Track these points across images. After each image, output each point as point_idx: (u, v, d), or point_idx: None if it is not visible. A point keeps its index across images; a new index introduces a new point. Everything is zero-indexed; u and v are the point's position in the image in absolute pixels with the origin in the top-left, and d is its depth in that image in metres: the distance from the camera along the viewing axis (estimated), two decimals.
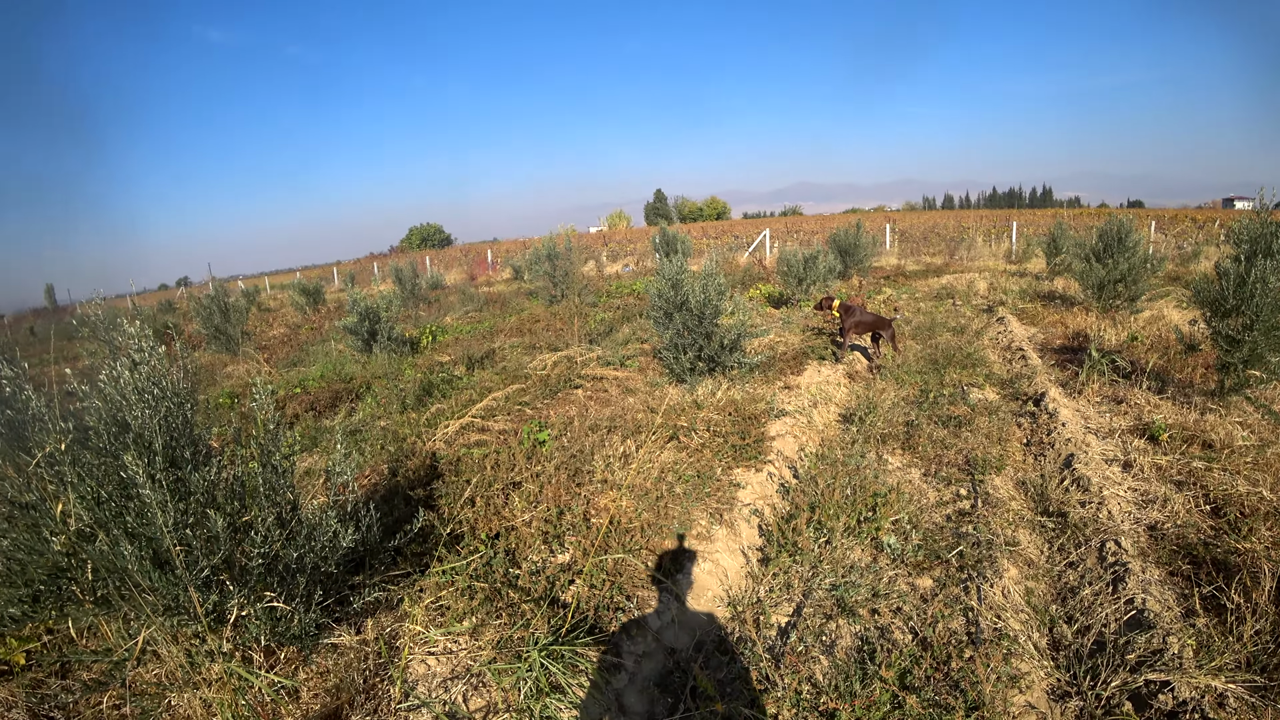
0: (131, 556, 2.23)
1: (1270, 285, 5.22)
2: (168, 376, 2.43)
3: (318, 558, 2.56)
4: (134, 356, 2.36)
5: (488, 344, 9.64)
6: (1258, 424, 5.29)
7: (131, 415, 2.32)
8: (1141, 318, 9.52)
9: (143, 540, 2.30)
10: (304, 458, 5.40)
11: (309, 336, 13.68)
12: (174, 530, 2.25)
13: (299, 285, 19.59)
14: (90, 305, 2.56)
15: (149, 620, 2.43)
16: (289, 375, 8.93)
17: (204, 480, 2.40)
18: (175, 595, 2.34)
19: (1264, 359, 5.38)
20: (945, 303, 12.37)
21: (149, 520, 2.27)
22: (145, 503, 2.24)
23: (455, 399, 6.12)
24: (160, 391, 2.37)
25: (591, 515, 3.58)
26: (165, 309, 21.66)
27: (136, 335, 2.37)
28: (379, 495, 4.08)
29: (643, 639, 2.87)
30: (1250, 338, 5.40)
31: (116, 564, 2.27)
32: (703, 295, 6.18)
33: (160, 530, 2.24)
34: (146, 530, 2.29)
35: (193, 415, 2.52)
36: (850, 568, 3.54)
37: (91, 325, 2.36)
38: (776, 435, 5.19)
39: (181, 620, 2.44)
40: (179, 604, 2.37)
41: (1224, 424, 5.25)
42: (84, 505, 2.28)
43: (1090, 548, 3.86)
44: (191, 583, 2.32)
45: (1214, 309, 5.71)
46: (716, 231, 44.16)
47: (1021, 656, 3.05)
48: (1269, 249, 5.28)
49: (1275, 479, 4.29)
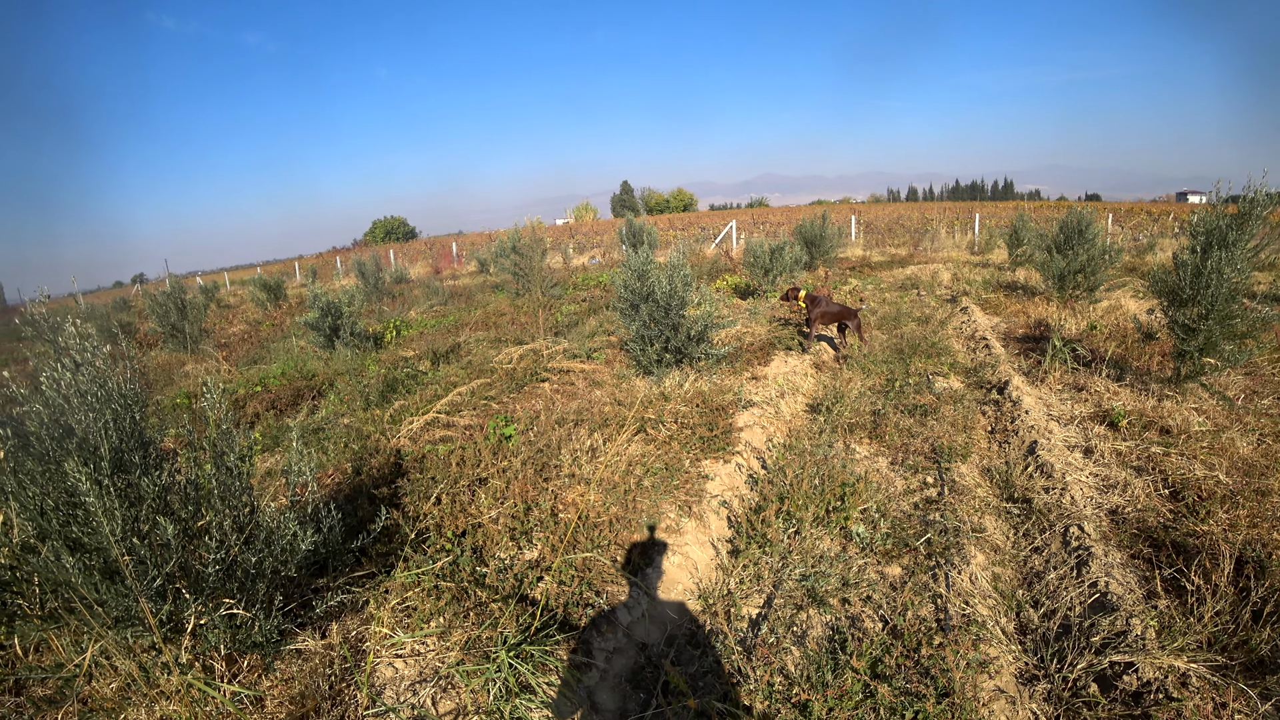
0: (74, 568, 2.12)
1: (1225, 276, 5.36)
2: (113, 378, 2.33)
3: (277, 562, 2.48)
4: (75, 358, 2.25)
5: (453, 338, 9.52)
6: (1213, 410, 5.43)
7: (75, 419, 2.21)
8: (1100, 307, 9.72)
9: (89, 551, 2.20)
10: (265, 458, 5.27)
11: (270, 333, 13.38)
12: (122, 539, 2.15)
13: (259, 281, 19.13)
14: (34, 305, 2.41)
15: (97, 634, 2.33)
16: (249, 373, 8.71)
17: (154, 485, 2.30)
18: (126, 606, 2.24)
19: (1218, 347, 5.52)
20: (910, 293, 12.52)
21: (95, 529, 2.17)
22: (90, 511, 2.14)
23: (420, 394, 6.01)
24: (105, 394, 2.27)
25: (559, 510, 3.53)
26: (120, 307, 21.00)
27: (78, 335, 2.26)
28: (343, 495, 3.99)
29: (613, 635, 2.83)
30: (1206, 326, 5.54)
31: (59, 576, 2.16)
32: (669, 286, 6.15)
33: (107, 539, 2.14)
34: (93, 540, 2.19)
35: (142, 418, 2.41)
36: (820, 557, 3.54)
37: (35, 325, 2.22)
38: (744, 426, 5.19)
39: (135, 631, 2.35)
40: (130, 615, 2.28)
41: (1180, 410, 5.38)
42: (26, 516, 2.17)
43: (1054, 533, 3.92)
44: (143, 593, 2.22)
45: (1171, 299, 5.84)
46: (683, 223, 44.22)
47: (990, 642, 3.08)
48: (1224, 240, 5.41)
49: (1230, 463, 4.40)
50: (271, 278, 19.75)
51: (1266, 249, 5.53)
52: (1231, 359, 5.48)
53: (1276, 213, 5.55)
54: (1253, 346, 5.46)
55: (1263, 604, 3.00)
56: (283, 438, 5.60)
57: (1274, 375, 6.20)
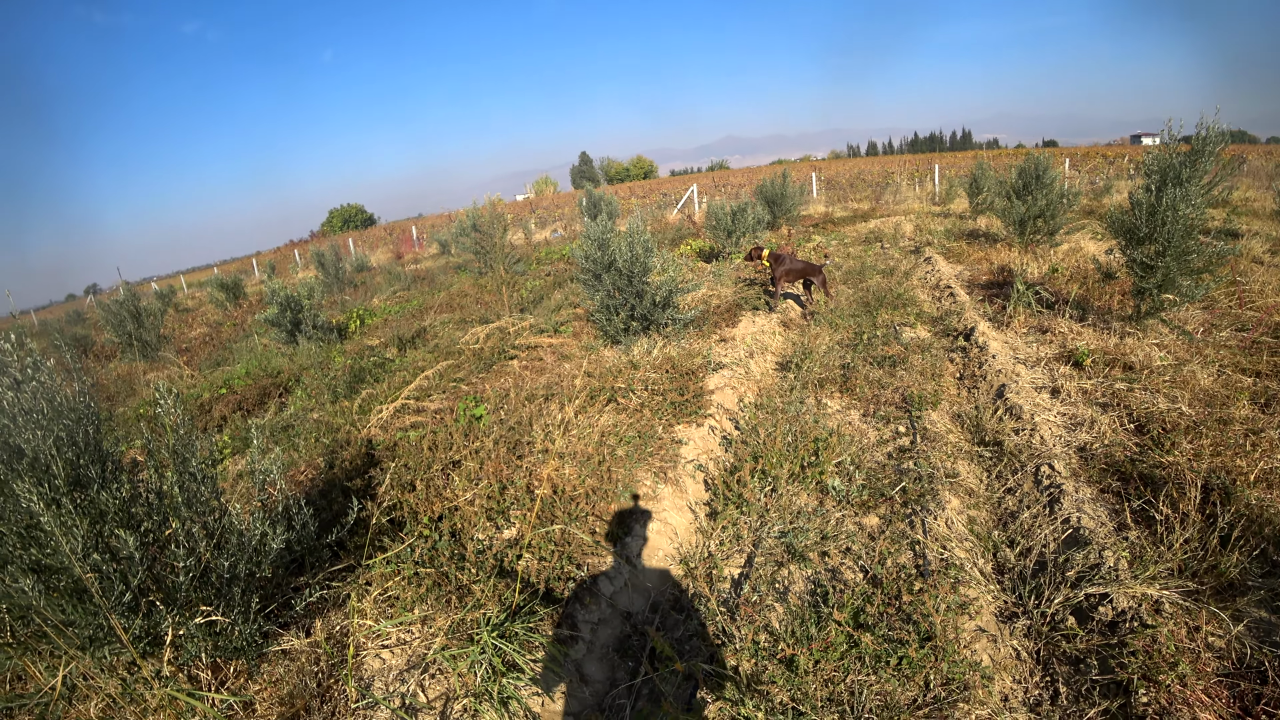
0: (34, 591, 2.04)
1: (1181, 212, 5.43)
2: (60, 393, 2.22)
3: (250, 564, 2.41)
4: (16, 375, 2.14)
5: (418, 323, 9.41)
6: (1173, 344, 5.54)
7: (24, 439, 2.11)
8: (1060, 250, 9.85)
9: (53, 572, 2.12)
10: (237, 460, 5.17)
11: (232, 333, 13.10)
12: (84, 556, 2.07)
13: (217, 281, 18.65)
14: None
15: (68, 656, 2.25)
16: (213, 376, 8.52)
17: (114, 499, 2.21)
18: (97, 625, 2.17)
19: (1176, 283, 5.62)
20: (874, 246, 12.57)
21: (54, 550, 2.08)
22: (47, 532, 2.05)
23: (388, 382, 5.91)
24: (54, 410, 2.17)
25: (534, 487, 3.49)
26: (74, 320, 20.38)
27: (13, 351, 2.15)
28: (317, 489, 3.91)
29: (597, 606, 2.82)
30: (1163, 263, 5.62)
31: (22, 601, 2.08)
32: (630, 254, 6.08)
33: (68, 558, 2.06)
34: (54, 560, 2.11)
35: (97, 431, 2.31)
36: (797, 513, 3.56)
37: None
38: (715, 389, 5.18)
39: (113, 649, 2.27)
40: (103, 633, 2.20)
41: (1142, 346, 5.48)
42: None
43: (1026, 473, 3.98)
44: (113, 609, 2.14)
45: (1129, 237, 5.91)
46: (644, 190, 43.84)
47: (969, 584, 3.13)
48: (1178, 178, 5.47)
49: (1193, 395, 4.50)
50: (229, 277, 19.28)
51: (1219, 185, 5.60)
52: (1189, 294, 5.59)
53: (1228, 150, 5.62)
54: (1209, 281, 5.56)
55: (1230, 529, 3.07)
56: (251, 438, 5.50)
57: (1231, 308, 6.34)
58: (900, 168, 36.46)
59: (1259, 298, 6.47)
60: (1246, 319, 5.96)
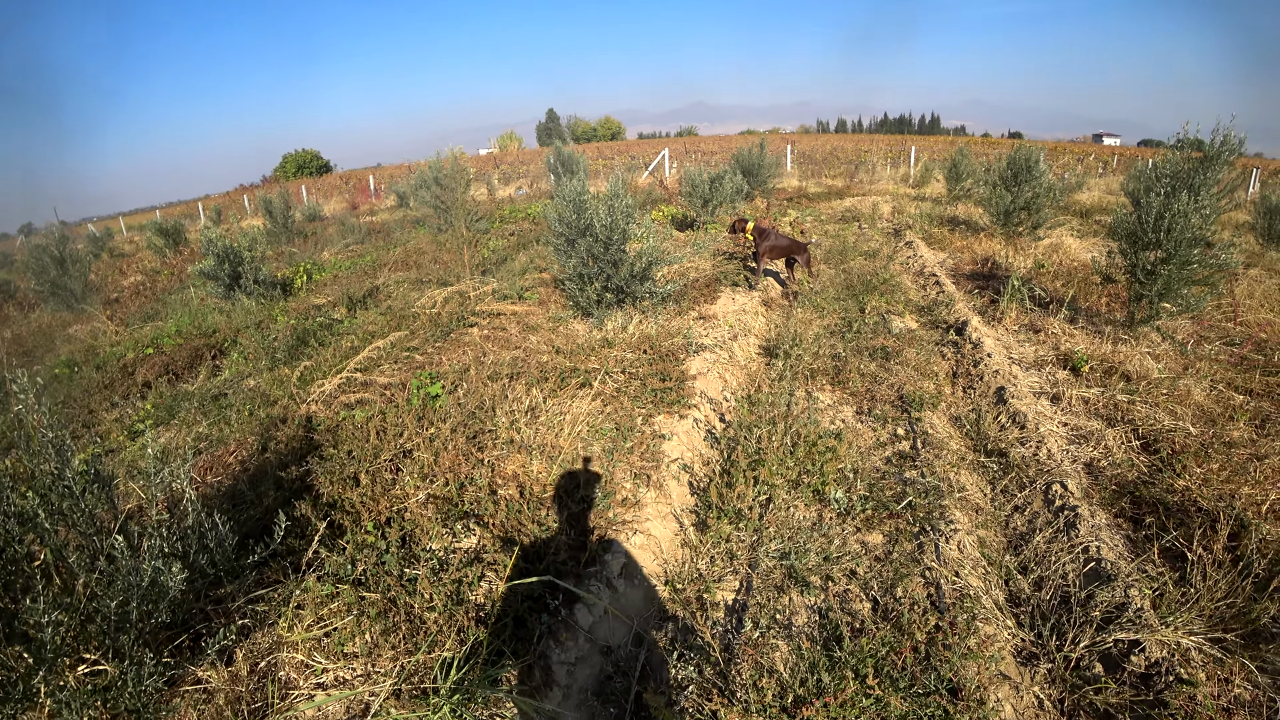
0: None
1: (1190, 221, 5.17)
2: None
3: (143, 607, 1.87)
4: None
5: (370, 281, 8.65)
6: (1165, 354, 5.33)
7: None
8: (1042, 245, 9.65)
9: None
10: (161, 432, 4.55)
11: (168, 283, 12.06)
12: None
13: (155, 225, 17.15)
14: None
15: None
16: (140, 333, 7.65)
17: None
18: None
19: (1176, 292, 5.39)
20: (851, 226, 12.20)
21: None
22: None
23: (334, 347, 5.28)
24: None
25: (498, 486, 3.01)
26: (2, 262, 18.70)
27: None
28: (246, 476, 3.35)
29: (573, 642, 2.38)
30: (1166, 271, 5.38)
31: None
32: (609, 219, 5.55)
33: None
34: None
35: None
36: (796, 529, 3.18)
37: None
38: (698, 374, 4.73)
39: None
40: None
41: (1136, 355, 5.25)
42: None
43: (1035, 490, 3.68)
44: None
45: (1131, 241, 5.64)
46: (612, 152, 42.74)
47: (987, 619, 2.81)
48: (1190, 184, 5.21)
49: (1195, 414, 4.27)
50: (169, 221, 17.80)
51: (1230, 194, 5.37)
52: (1190, 304, 5.37)
53: (1240, 160, 5.38)
54: (1206, 293, 5.36)
55: (1269, 575, 2.82)
56: (179, 407, 4.85)
57: (1219, 320, 6.18)
58: (875, 147, 36.23)
59: (1246, 312, 6.32)
60: (1236, 333, 5.80)
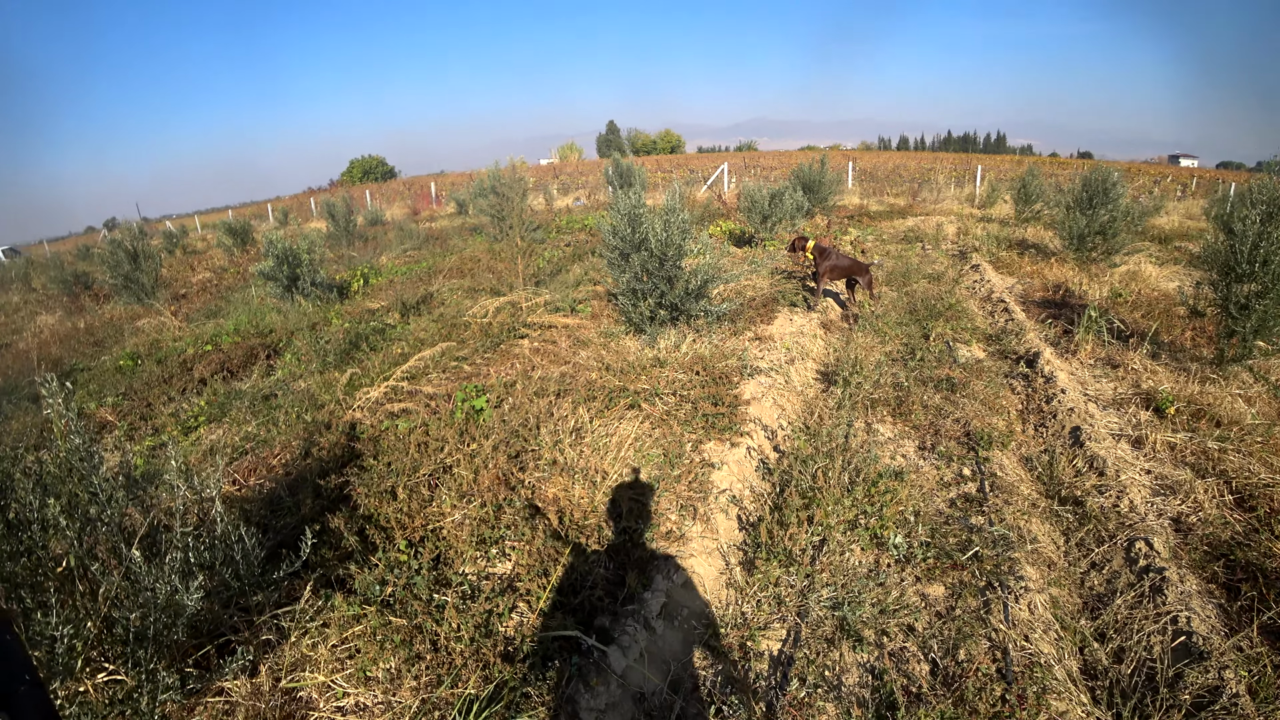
0: None
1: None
2: None
3: (160, 622, 1.79)
4: None
5: (425, 287, 8.70)
6: (1259, 398, 4.90)
7: None
8: (1118, 272, 9.13)
9: None
10: (212, 429, 4.61)
11: (234, 281, 12.44)
12: None
13: (225, 225, 17.81)
14: None
15: None
16: (201, 330, 7.87)
17: None
18: None
19: (1273, 329, 4.97)
20: (914, 246, 11.78)
21: None
22: None
23: (385, 353, 5.27)
24: None
25: (537, 509, 2.87)
26: (82, 255, 19.64)
27: None
28: (288, 481, 3.30)
29: (604, 686, 2.22)
30: (1261, 305, 4.97)
31: None
32: (664, 234, 5.38)
33: None
34: None
35: None
36: (851, 576, 2.95)
37: None
38: (751, 398, 4.53)
39: None
40: None
41: (1227, 396, 4.84)
42: None
43: (1116, 546, 3.37)
44: None
45: (1223, 272, 5.23)
46: (671, 165, 42.69)
47: (1059, 694, 2.54)
48: None
49: None
50: (239, 221, 18.47)
51: None
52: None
53: None
54: None
55: None
56: (231, 405, 4.91)
57: None
58: (939, 165, 35.31)
59: None
60: None
